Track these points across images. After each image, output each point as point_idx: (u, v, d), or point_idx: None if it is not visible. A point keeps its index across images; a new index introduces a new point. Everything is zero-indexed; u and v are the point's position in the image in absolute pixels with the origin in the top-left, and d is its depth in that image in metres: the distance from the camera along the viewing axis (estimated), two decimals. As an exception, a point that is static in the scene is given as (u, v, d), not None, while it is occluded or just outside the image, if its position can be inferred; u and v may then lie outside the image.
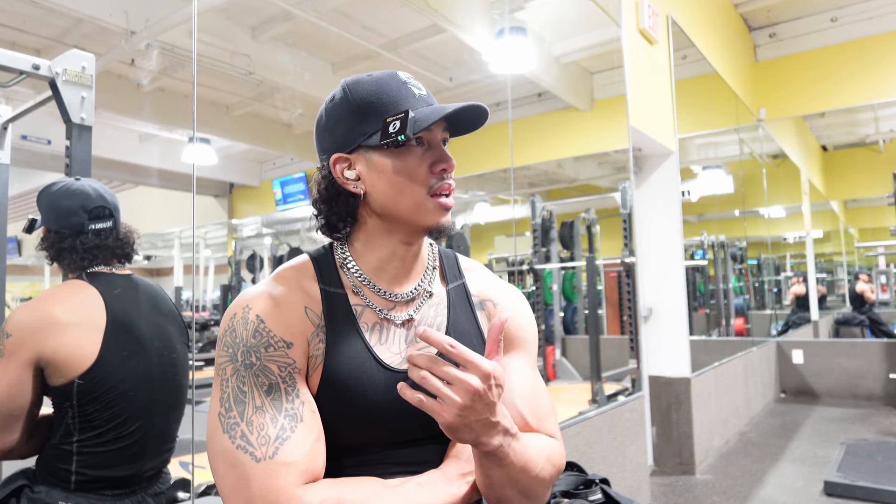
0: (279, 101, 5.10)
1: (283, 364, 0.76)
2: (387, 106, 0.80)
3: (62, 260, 1.32)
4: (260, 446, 0.71)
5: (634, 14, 3.45)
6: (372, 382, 0.79)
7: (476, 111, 0.81)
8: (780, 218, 8.44)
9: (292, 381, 0.76)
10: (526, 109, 5.42)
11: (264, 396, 0.74)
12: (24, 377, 1.18)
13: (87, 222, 1.32)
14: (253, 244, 7.56)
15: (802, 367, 5.90)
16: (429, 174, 0.81)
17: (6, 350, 1.17)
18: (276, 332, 0.77)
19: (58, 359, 1.20)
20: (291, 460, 0.71)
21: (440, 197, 0.81)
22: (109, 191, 1.39)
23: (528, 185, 7.09)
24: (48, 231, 1.33)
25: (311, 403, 0.77)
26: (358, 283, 0.85)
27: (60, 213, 1.31)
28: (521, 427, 0.85)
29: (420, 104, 0.81)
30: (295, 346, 0.78)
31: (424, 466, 0.83)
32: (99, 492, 1.25)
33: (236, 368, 0.76)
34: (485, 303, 0.92)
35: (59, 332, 1.20)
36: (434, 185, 0.81)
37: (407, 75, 0.84)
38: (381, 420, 0.80)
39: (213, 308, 8.56)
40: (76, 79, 1.54)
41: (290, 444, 0.72)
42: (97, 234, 1.33)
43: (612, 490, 1.12)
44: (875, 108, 6.78)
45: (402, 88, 0.82)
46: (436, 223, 0.82)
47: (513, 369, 0.88)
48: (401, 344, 0.84)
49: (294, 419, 0.74)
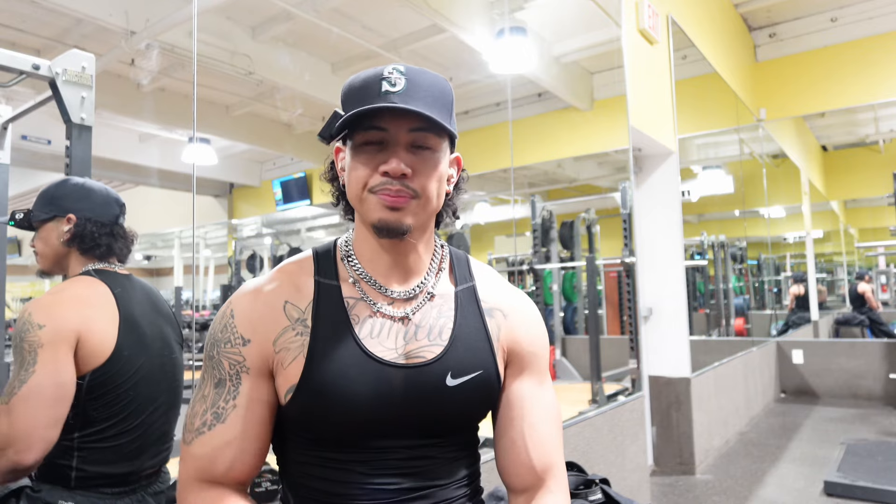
0: (279, 101, 5.10)
1: (234, 362, 0.81)
2: (354, 101, 0.80)
3: (96, 249, 1.32)
4: (188, 431, 0.82)
5: (634, 14, 3.45)
6: (360, 373, 0.79)
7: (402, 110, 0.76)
8: (780, 218, 8.44)
9: (237, 379, 0.81)
10: (526, 109, 5.42)
11: (212, 388, 0.82)
12: (72, 363, 1.18)
13: (120, 215, 1.38)
14: (253, 244, 7.57)
15: (802, 367, 5.90)
16: (373, 173, 0.79)
17: (45, 340, 1.15)
18: (239, 328, 0.82)
19: (85, 349, 1.20)
20: (197, 454, 0.80)
21: (381, 195, 0.79)
22: None
23: (528, 185, 7.09)
24: (81, 220, 1.32)
25: (245, 407, 0.81)
26: (356, 276, 0.86)
27: (96, 202, 1.34)
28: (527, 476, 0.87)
29: (381, 100, 0.77)
30: (252, 344, 0.81)
31: (421, 467, 0.83)
32: (99, 490, 1.26)
33: (205, 357, 0.84)
34: (494, 311, 0.91)
35: (87, 323, 1.20)
36: (375, 186, 0.79)
37: (392, 69, 0.80)
38: (370, 411, 0.79)
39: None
40: (76, 79, 1.54)
41: (202, 440, 0.80)
42: (122, 229, 1.38)
43: (612, 490, 1.12)
44: (875, 108, 6.78)
45: (375, 84, 0.78)
46: (376, 219, 0.79)
47: (525, 398, 0.89)
48: (397, 340, 0.83)
49: (217, 418, 0.80)
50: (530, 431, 0.87)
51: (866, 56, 5.51)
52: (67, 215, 1.32)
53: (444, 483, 0.84)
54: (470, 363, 0.85)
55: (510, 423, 0.88)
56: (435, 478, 0.84)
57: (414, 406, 0.81)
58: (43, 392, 1.13)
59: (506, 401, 0.89)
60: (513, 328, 0.91)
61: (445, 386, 0.82)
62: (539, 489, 0.87)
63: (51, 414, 1.14)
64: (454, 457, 0.87)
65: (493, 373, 0.87)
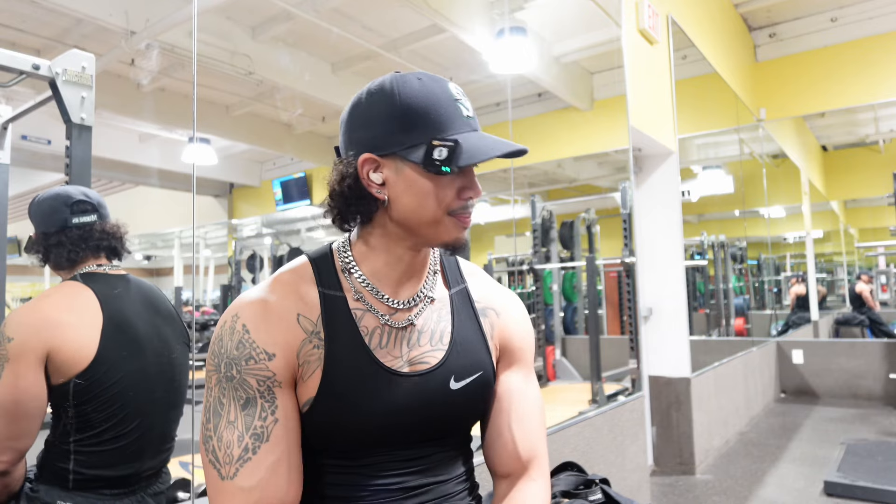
0: (279, 101, 5.10)
1: (262, 378, 0.77)
2: (435, 124, 0.78)
3: (51, 258, 1.33)
4: (224, 464, 0.74)
5: (634, 14, 3.45)
6: (374, 386, 0.80)
7: (520, 152, 0.81)
8: (780, 218, 8.43)
9: (270, 395, 0.77)
10: (526, 109, 5.41)
11: (239, 411, 0.76)
12: (39, 377, 1.18)
13: (69, 217, 1.33)
14: (253, 244, 7.56)
15: (802, 367, 5.89)
16: (455, 199, 0.80)
17: (10, 354, 1.16)
18: (260, 342, 0.77)
19: (59, 358, 1.20)
20: (248, 486, 0.73)
21: (461, 217, 0.82)
22: (94, 192, 1.40)
23: (528, 185, 7.08)
24: (37, 234, 1.34)
25: (285, 420, 0.77)
26: (360, 287, 0.85)
27: (43, 213, 1.33)
28: (512, 464, 0.89)
29: (466, 127, 0.80)
30: (278, 358, 0.78)
31: (424, 465, 0.84)
32: (98, 491, 1.25)
33: (219, 379, 0.77)
34: (487, 310, 0.94)
35: (60, 332, 1.20)
36: (457, 210, 0.81)
37: (458, 90, 0.82)
38: (382, 421, 0.80)
39: (213, 308, 8.56)
40: (76, 79, 1.54)
41: (250, 467, 0.74)
42: (80, 228, 1.34)
43: (612, 490, 1.12)
44: (875, 108, 6.78)
45: (452, 107, 0.80)
46: (452, 239, 0.82)
47: (513, 392, 0.92)
48: (402, 348, 0.84)
49: (259, 438, 0.75)
50: (518, 423, 0.90)
51: (866, 56, 5.51)
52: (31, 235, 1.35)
53: (444, 479, 0.86)
54: (470, 365, 0.87)
55: (499, 414, 0.91)
56: (437, 474, 0.85)
57: (422, 412, 0.83)
58: (5, 407, 1.14)
59: (495, 393, 0.92)
60: (504, 326, 0.94)
61: (450, 390, 0.85)
62: (521, 476, 0.90)
63: (14, 428, 1.15)
64: (454, 454, 0.89)
65: (490, 372, 0.90)
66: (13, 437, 1.15)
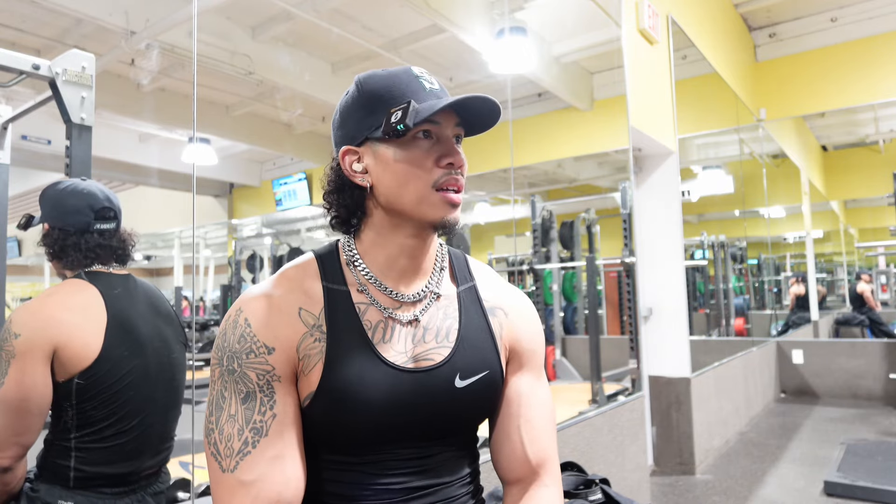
0: (279, 101, 5.10)
1: (262, 372, 0.77)
2: (395, 98, 0.79)
3: (64, 257, 1.32)
4: (225, 457, 0.75)
5: (634, 14, 3.45)
6: (375, 380, 0.79)
7: (484, 104, 0.79)
8: (780, 218, 8.44)
9: (269, 389, 0.77)
10: (526, 109, 5.41)
11: (240, 405, 0.76)
12: (45, 374, 1.18)
13: (93, 222, 1.33)
14: (253, 244, 7.56)
15: (802, 367, 5.89)
16: (434, 167, 0.79)
17: (18, 350, 1.16)
18: (261, 336, 0.78)
19: (64, 355, 1.20)
20: (248, 479, 0.74)
21: (446, 192, 0.80)
22: (114, 194, 1.40)
23: (528, 185, 7.08)
24: (52, 228, 1.32)
25: (283, 415, 0.77)
26: (364, 280, 0.84)
27: (67, 210, 1.32)
28: (521, 469, 0.88)
29: (429, 97, 0.80)
30: (277, 352, 0.78)
31: (427, 465, 0.83)
32: (98, 489, 1.26)
33: (222, 373, 0.78)
34: (496, 310, 0.92)
35: (66, 329, 1.20)
36: (439, 179, 0.80)
37: (421, 70, 0.83)
38: (384, 417, 0.79)
39: (213, 308, 8.56)
40: (76, 79, 1.54)
41: (249, 460, 0.74)
42: (101, 235, 1.33)
43: (612, 490, 1.12)
44: (875, 108, 6.78)
45: (413, 82, 0.81)
46: (441, 218, 0.81)
47: (523, 395, 0.90)
48: (406, 343, 0.83)
49: (258, 433, 0.75)
50: (527, 427, 0.88)
51: (866, 56, 5.51)
52: (44, 223, 1.33)
53: (448, 481, 0.85)
54: (477, 364, 0.86)
55: (507, 418, 0.89)
56: (440, 476, 0.84)
57: (425, 409, 0.82)
58: (10, 404, 1.15)
59: (504, 396, 0.90)
60: (514, 326, 0.92)
61: (455, 388, 0.83)
62: (533, 482, 0.89)
63: (19, 423, 1.16)
64: (458, 455, 0.87)
65: (498, 372, 0.88)
66: (18, 433, 1.16)
